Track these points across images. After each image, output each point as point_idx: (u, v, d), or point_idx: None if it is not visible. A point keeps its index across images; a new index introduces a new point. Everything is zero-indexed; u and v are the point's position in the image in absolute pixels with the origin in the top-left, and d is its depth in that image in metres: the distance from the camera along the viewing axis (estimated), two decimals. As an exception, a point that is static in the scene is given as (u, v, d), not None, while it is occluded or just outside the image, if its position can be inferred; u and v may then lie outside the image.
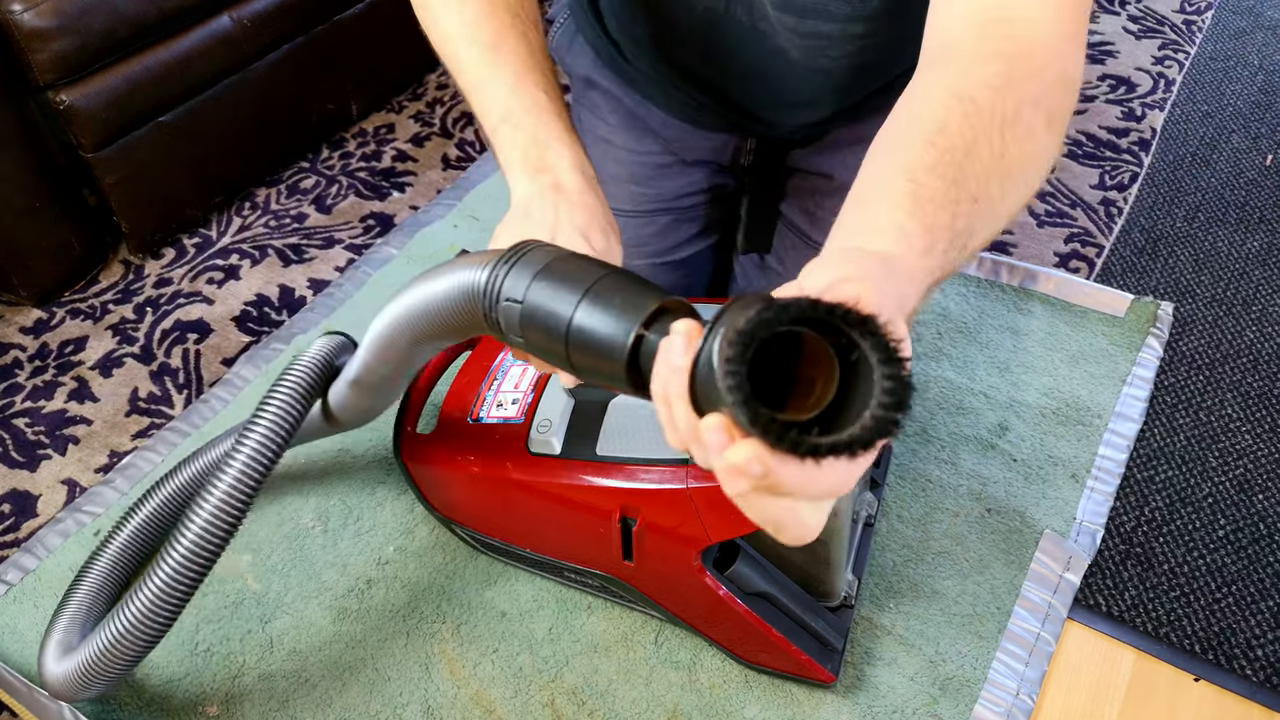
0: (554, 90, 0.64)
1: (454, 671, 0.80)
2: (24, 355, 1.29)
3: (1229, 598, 0.92)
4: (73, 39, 1.23)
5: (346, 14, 1.51)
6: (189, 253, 1.46)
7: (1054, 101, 0.51)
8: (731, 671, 0.82)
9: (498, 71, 0.62)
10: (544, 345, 0.47)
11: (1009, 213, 0.49)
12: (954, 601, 0.87)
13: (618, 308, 0.43)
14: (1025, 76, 0.50)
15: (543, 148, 0.61)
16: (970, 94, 0.48)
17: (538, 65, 0.64)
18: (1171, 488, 1.02)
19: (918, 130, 0.47)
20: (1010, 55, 0.51)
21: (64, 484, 1.07)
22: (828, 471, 0.32)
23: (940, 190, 0.45)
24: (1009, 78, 0.49)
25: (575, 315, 0.44)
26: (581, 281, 0.45)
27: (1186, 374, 1.13)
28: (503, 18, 0.64)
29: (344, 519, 0.93)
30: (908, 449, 1.03)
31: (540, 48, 0.66)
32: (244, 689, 0.78)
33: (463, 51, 0.63)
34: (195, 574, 0.61)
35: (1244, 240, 1.32)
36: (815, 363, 0.33)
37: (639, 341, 0.42)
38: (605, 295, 0.44)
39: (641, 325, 0.42)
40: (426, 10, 0.65)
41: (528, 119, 0.61)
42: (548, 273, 0.47)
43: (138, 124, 1.35)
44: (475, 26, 0.63)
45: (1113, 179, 1.44)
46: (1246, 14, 1.81)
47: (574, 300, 0.45)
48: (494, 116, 0.62)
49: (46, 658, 0.70)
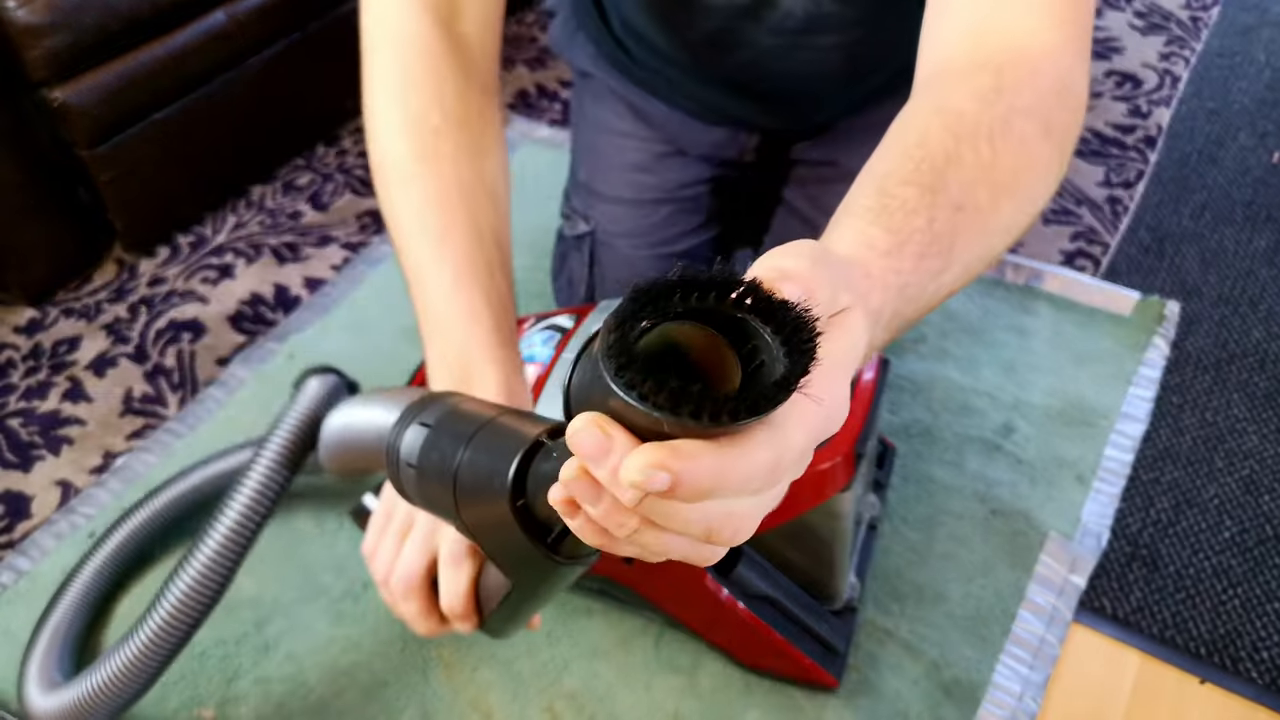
0: (495, 294, 0.61)
1: (451, 676, 0.79)
2: (17, 355, 1.28)
3: (1235, 600, 0.91)
4: (66, 35, 1.22)
5: (342, 9, 1.50)
6: (183, 251, 1.45)
7: (1051, 111, 0.49)
8: (733, 676, 0.81)
9: (440, 269, 0.60)
10: (440, 504, 0.43)
11: (1005, 226, 0.47)
12: (958, 604, 0.86)
13: (499, 444, 0.38)
14: (1016, 85, 0.48)
15: (468, 365, 0.59)
16: (955, 105, 0.47)
17: (484, 261, 0.61)
18: (1178, 489, 1.01)
19: (897, 148, 0.46)
20: (1000, 65, 0.49)
21: (58, 485, 1.07)
22: (733, 458, 0.26)
23: (912, 196, 0.43)
24: (998, 88, 0.48)
25: (460, 462, 0.40)
26: (468, 427, 0.41)
27: (1193, 374, 1.12)
28: (455, 204, 0.61)
29: (340, 521, 0.92)
30: (912, 450, 1.02)
31: (492, 234, 0.62)
32: (240, 692, 0.78)
33: (410, 239, 0.61)
34: (200, 611, 0.61)
35: (1251, 238, 1.31)
36: (711, 362, 0.26)
37: (522, 468, 0.36)
38: (490, 434, 0.40)
39: (521, 457, 0.37)
40: (381, 182, 0.62)
41: (457, 331, 0.59)
42: (437, 429, 0.44)
43: (132, 121, 1.34)
44: (424, 213, 0.61)
45: (1118, 176, 1.43)
46: (1253, 10, 1.80)
47: (459, 448, 0.41)
48: (429, 319, 0.60)
49: (31, 688, 0.70)
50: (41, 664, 0.71)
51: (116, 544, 0.79)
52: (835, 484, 0.66)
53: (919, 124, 0.47)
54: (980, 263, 0.46)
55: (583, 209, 0.94)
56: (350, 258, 1.46)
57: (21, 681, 0.72)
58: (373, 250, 1.22)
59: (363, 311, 1.19)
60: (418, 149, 0.61)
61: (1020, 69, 0.49)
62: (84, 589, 0.77)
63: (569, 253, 0.97)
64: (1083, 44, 0.52)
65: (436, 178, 0.61)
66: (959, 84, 0.49)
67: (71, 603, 0.77)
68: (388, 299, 1.18)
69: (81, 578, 0.78)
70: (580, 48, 0.90)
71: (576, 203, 0.95)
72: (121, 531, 0.79)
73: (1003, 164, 0.46)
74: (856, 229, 0.41)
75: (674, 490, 0.26)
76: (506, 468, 0.37)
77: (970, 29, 0.51)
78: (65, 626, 0.75)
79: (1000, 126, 0.46)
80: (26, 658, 0.74)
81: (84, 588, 0.77)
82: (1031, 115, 0.48)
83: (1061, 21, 0.51)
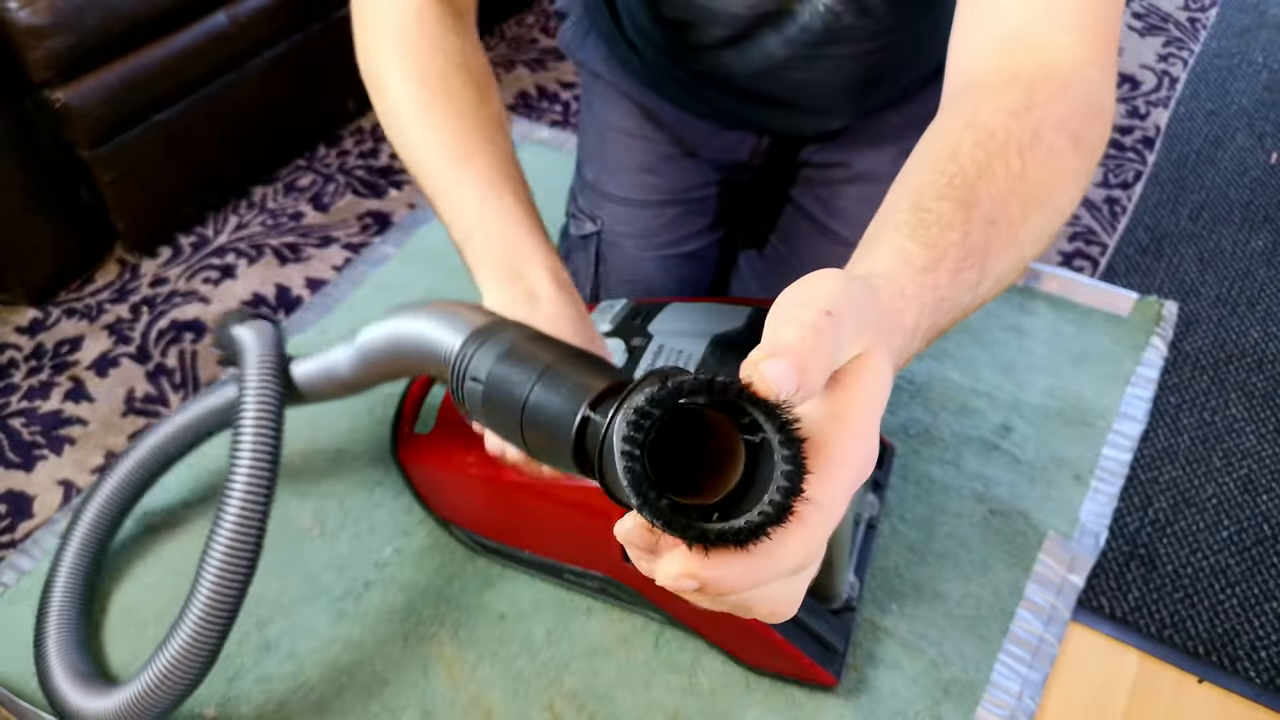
0: (525, 199, 0.63)
1: (452, 674, 0.79)
2: (20, 355, 1.28)
3: (1233, 599, 0.91)
4: (68, 36, 1.22)
5: (342, 11, 1.50)
6: (185, 252, 1.45)
7: (1080, 125, 0.49)
8: (732, 674, 0.81)
9: (466, 184, 0.61)
10: (504, 424, 0.47)
11: (1034, 236, 0.48)
12: (957, 603, 0.87)
13: (568, 390, 0.43)
14: (1047, 100, 0.49)
15: (515, 255, 0.60)
16: (985, 121, 0.48)
17: (507, 174, 0.63)
18: (1176, 489, 1.01)
19: (930, 162, 0.47)
20: (1031, 80, 0.49)
21: (60, 484, 1.07)
22: (763, 560, 0.28)
23: (948, 211, 0.44)
24: (1028, 103, 0.48)
25: (529, 397, 0.45)
26: (538, 363, 0.46)
27: (1191, 374, 1.12)
28: (470, 129, 0.63)
29: (341, 520, 0.92)
30: (910, 450, 1.02)
31: (508, 155, 0.64)
32: (241, 692, 0.78)
33: (430, 164, 0.62)
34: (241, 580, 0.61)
35: (1248, 239, 1.32)
36: (725, 443, 0.30)
37: (584, 423, 0.41)
38: (558, 377, 0.45)
39: (588, 406, 0.41)
40: (395, 127, 0.64)
41: (499, 227, 0.60)
42: (510, 355, 0.48)
43: (134, 122, 1.34)
44: (441, 139, 0.62)
45: (1117, 177, 1.43)
46: (1251, 11, 1.80)
47: (529, 383, 0.45)
48: (464, 225, 0.61)
49: (66, 690, 0.69)
50: (63, 658, 0.71)
51: (92, 519, 0.78)
52: (834, 483, 0.66)
53: (951, 138, 0.48)
54: (1012, 273, 0.47)
55: (590, 209, 0.94)
56: (351, 258, 1.46)
57: (47, 678, 0.71)
58: (374, 251, 1.23)
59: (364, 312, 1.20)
60: (427, 90, 0.63)
61: (1052, 84, 0.50)
62: (72, 573, 0.77)
63: (574, 252, 0.98)
64: (1110, 59, 0.52)
65: (451, 108, 0.62)
66: (990, 98, 0.49)
67: (65, 589, 0.76)
68: (389, 300, 1.18)
69: (65, 563, 0.77)
70: (592, 49, 0.91)
71: (583, 203, 0.95)
72: (92, 507, 0.79)
73: (1032, 177, 0.47)
74: (894, 244, 0.43)
75: (704, 591, 0.28)
76: (570, 421, 0.41)
77: (1002, 43, 0.52)
78: (70, 616, 0.75)
79: (1030, 140, 0.47)
80: (42, 652, 0.73)
81: (72, 572, 0.77)
82: (1061, 129, 0.48)
83: (1093, 37, 0.51)
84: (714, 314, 0.79)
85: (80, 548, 0.77)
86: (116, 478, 0.77)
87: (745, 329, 0.76)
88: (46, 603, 0.76)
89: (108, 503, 0.76)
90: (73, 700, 0.67)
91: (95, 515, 0.76)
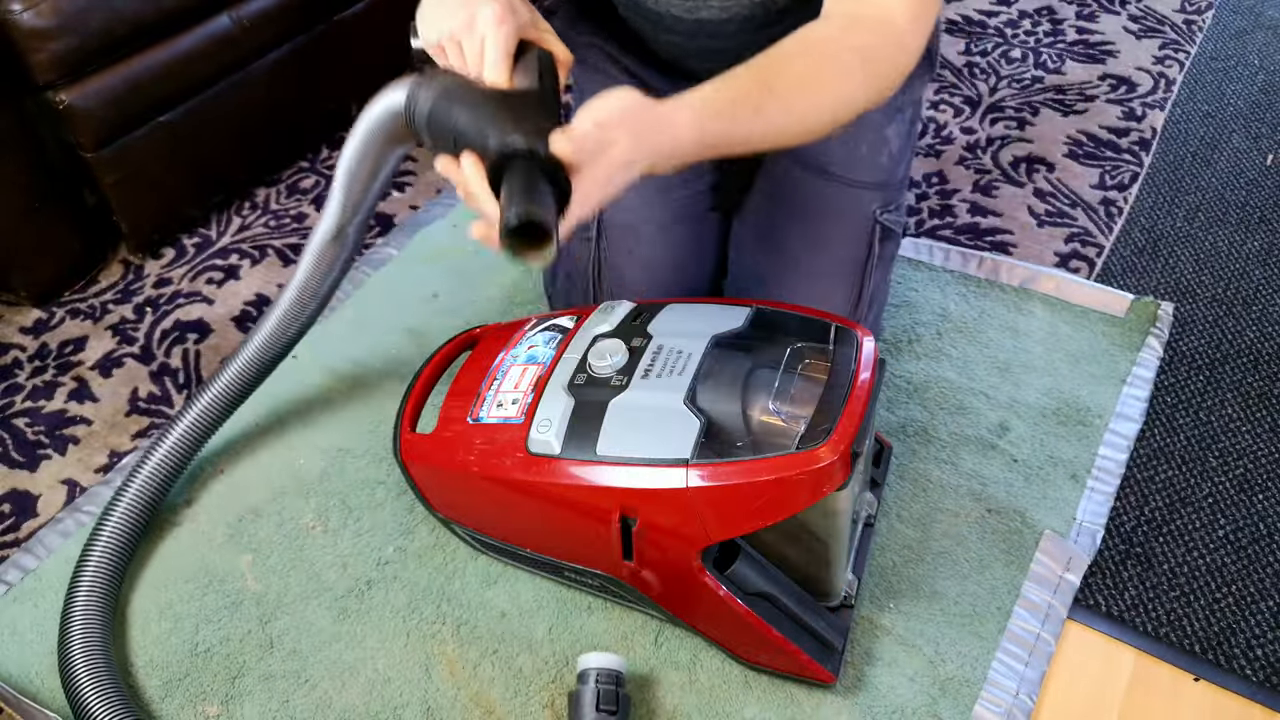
0: None
1: (454, 672, 0.80)
2: (24, 355, 1.29)
3: (1229, 598, 0.92)
4: (71, 38, 1.23)
5: (346, 13, 1.51)
6: (189, 253, 1.46)
7: (879, 54, 0.75)
8: (731, 671, 0.82)
9: None
10: (444, 144, 0.72)
11: (813, 105, 0.72)
12: (954, 602, 0.87)
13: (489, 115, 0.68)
14: (859, 33, 0.74)
15: None
16: (808, 34, 0.74)
17: None
18: (1171, 488, 1.01)
19: (762, 54, 0.73)
20: (856, 15, 0.75)
21: (64, 484, 1.07)
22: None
23: (743, 73, 0.71)
24: (843, 30, 0.75)
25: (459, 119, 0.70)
26: (472, 103, 0.70)
27: (1187, 374, 1.13)
28: None
29: (344, 519, 0.93)
30: (908, 449, 1.03)
31: None
32: (244, 689, 0.78)
33: None
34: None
35: (1244, 240, 1.32)
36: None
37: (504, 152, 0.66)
38: (481, 106, 0.70)
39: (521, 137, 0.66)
40: None
41: None
42: (446, 95, 0.72)
43: (137, 124, 1.34)
44: None
45: (1113, 179, 1.44)
46: (1247, 14, 1.80)
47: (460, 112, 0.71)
48: None
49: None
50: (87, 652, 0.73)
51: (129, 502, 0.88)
52: (832, 482, 0.67)
53: (787, 41, 0.73)
54: (796, 123, 0.72)
55: None
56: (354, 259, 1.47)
57: (69, 673, 0.72)
58: (375, 252, 1.23)
59: (365, 312, 1.20)
60: None
61: (867, 23, 0.74)
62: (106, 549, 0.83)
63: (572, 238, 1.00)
64: (927, 22, 0.76)
65: None
66: (826, 25, 0.75)
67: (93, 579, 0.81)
68: (390, 300, 1.19)
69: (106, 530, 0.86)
70: (580, 33, 1.04)
71: None
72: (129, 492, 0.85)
73: (818, 71, 0.72)
74: (699, 90, 0.70)
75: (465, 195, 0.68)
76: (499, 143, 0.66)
77: (850, 5, 0.76)
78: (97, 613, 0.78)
79: (832, 51, 0.73)
80: (66, 642, 0.74)
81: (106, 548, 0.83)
82: (858, 53, 0.74)
83: (914, 2, 0.75)
84: (713, 314, 0.80)
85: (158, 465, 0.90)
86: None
87: (745, 329, 0.77)
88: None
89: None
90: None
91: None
